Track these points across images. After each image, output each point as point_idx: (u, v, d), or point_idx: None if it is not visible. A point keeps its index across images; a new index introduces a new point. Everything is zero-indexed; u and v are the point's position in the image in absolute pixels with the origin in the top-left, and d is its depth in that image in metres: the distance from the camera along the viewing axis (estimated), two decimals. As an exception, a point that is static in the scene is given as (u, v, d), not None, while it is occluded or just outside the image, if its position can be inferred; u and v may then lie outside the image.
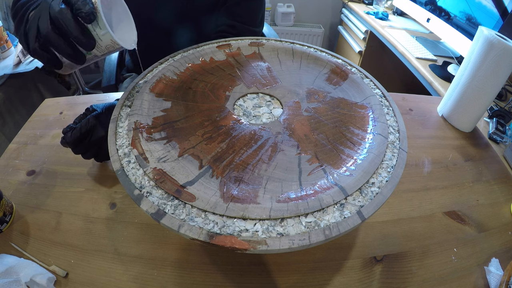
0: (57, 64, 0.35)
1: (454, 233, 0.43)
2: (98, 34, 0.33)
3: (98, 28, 0.33)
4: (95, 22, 0.32)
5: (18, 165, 0.51)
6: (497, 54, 0.51)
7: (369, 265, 0.38)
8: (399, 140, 0.36)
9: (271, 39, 0.53)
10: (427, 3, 1.24)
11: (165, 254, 0.38)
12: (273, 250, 0.25)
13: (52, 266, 0.36)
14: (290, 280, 0.36)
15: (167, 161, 0.31)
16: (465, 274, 0.38)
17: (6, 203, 0.41)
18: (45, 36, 0.31)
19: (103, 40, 0.34)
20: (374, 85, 0.45)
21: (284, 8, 1.92)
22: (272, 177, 0.31)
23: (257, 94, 0.44)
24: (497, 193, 0.49)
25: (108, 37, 0.33)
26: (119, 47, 0.36)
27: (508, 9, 0.88)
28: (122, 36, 0.39)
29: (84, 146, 0.44)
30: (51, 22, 0.31)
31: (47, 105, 0.65)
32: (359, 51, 1.70)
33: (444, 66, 1.12)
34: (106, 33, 0.33)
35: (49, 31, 0.31)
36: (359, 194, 0.29)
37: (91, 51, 0.35)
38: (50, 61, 0.34)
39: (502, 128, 0.77)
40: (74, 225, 0.41)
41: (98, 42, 0.34)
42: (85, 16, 0.31)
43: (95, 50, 0.35)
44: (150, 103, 0.39)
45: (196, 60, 0.47)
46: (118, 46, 0.35)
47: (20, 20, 0.35)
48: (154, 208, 0.27)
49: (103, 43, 0.34)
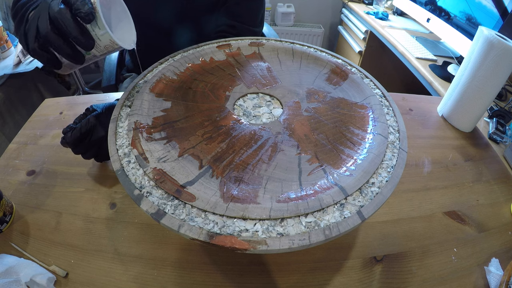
0: (57, 64, 0.35)
1: (454, 233, 0.43)
2: (97, 34, 0.33)
3: (97, 28, 0.33)
4: (94, 22, 0.32)
5: (18, 165, 0.51)
6: (497, 54, 0.51)
7: (369, 265, 0.38)
8: (399, 140, 0.36)
9: (271, 39, 0.53)
10: (427, 3, 1.24)
11: (165, 254, 0.38)
12: (273, 250, 0.25)
13: (52, 266, 0.36)
14: (290, 280, 0.36)
15: (167, 161, 0.31)
16: (465, 274, 0.38)
17: (6, 203, 0.41)
18: (45, 36, 0.31)
19: (102, 40, 0.34)
20: (374, 85, 0.45)
21: (284, 8, 1.92)
22: (272, 177, 0.31)
23: (257, 94, 0.44)
24: (497, 193, 0.49)
25: (107, 37, 0.34)
26: (118, 47, 0.36)
27: (508, 9, 0.88)
28: (121, 36, 0.39)
29: (84, 146, 0.44)
30: (51, 22, 0.31)
31: (47, 105, 0.65)
32: (359, 51, 1.70)
33: (444, 66, 1.12)
34: (105, 33, 0.33)
35: (48, 31, 0.31)
36: (359, 194, 0.29)
37: (90, 51, 0.35)
38: (50, 61, 0.34)
39: (502, 128, 0.77)
40: (74, 225, 0.41)
41: (97, 42, 0.34)
42: (84, 16, 0.31)
43: (94, 50, 0.35)
44: (150, 103, 0.39)
45: (196, 60, 0.47)
46: (117, 46, 0.35)
47: (20, 20, 0.35)
48: (154, 208, 0.27)
49: (102, 43, 0.34)
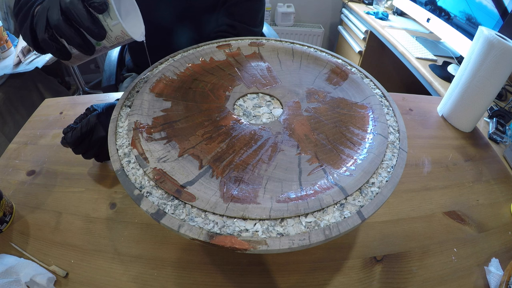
0: (66, 55, 0.35)
1: (454, 233, 0.43)
2: (109, 24, 0.34)
3: (109, 18, 0.33)
4: (106, 12, 0.33)
5: (18, 165, 0.51)
6: (497, 54, 0.51)
7: (369, 265, 0.38)
8: (399, 140, 0.36)
9: (271, 39, 0.53)
10: (427, 3, 1.24)
11: (165, 254, 0.38)
12: (273, 250, 0.25)
13: (52, 266, 0.36)
14: (290, 280, 0.36)
15: (167, 161, 0.31)
16: (465, 274, 0.38)
17: (6, 203, 0.41)
18: (56, 26, 0.32)
19: (113, 31, 0.34)
20: (374, 85, 0.45)
21: (284, 8, 1.92)
22: (272, 177, 0.31)
23: (257, 94, 0.44)
24: (497, 193, 0.49)
25: (118, 28, 0.34)
26: (128, 38, 0.36)
27: (508, 9, 0.88)
28: (130, 29, 0.40)
29: (84, 146, 0.44)
30: (62, 13, 0.32)
31: (47, 105, 0.65)
32: (359, 51, 1.70)
33: (444, 66, 1.12)
34: (117, 24, 0.34)
35: (60, 21, 0.31)
36: (359, 194, 0.29)
37: (100, 42, 0.35)
38: (59, 52, 0.35)
39: (502, 128, 0.77)
40: (74, 225, 0.41)
41: (108, 32, 0.34)
42: (98, 6, 0.31)
43: (105, 41, 0.35)
44: (150, 103, 0.39)
45: (196, 60, 0.47)
46: (128, 37, 0.36)
47: (24, 16, 0.35)
48: (154, 208, 0.27)
49: (113, 34, 0.35)
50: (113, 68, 0.84)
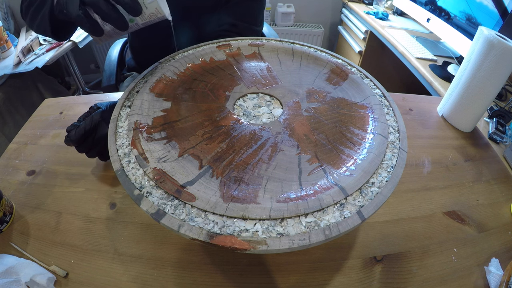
0: (99, 31, 0.37)
1: (454, 233, 0.43)
2: (145, 2, 0.36)
3: None
4: None
5: (18, 165, 0.51)
6: (497, 54, 0.51)
7: (369, 265, 0.38)
8: (399, 140, 0.36)
9: (271, 39, 0.53)
10: (427, 3, 1.24)
11: (165, 254, 0.38)
12: (273, 250, 0.25)
13: (52, 266, 0.36)
14: (290, 280, 0.36)
15: (167, 161, 0.31)
16: (465, 274, 0.38)
17: (6, 203, 0.41)
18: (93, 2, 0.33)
19: (148, 8, 0.37)
20: (374, 85, 0.45)
21: (284, 8, 1.92)
22: (272, 177, 0.31)
23: (257, 94, 0.44)
24: (497, 193, 0.49)
25: (153, 6, 0.37)
26: (161, 16, 0.38)
27: (508, 9, 0.88)
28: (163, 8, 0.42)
29: (88, 144, 0.44)
30: None
31: (47, 105, 0.65)
32: (359, 51, 1.70)
33: (444, 66, 1.12)
34: (153, 1, 0.36)
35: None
36: (359, 194, 0.29)
37: (134, 19, 0.37)
38: (93, 28, 0.36)
39: (502, 128, 0.77)
40: (74, 225, 0.41)
41: (143, 9, 0.37)
42: None
43: (138, 18, 0.38)
44: (150, 103, 0.39)
45: (196, 60, 0.47)
46: (160, 15, 0.38)
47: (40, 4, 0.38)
48: (154, 208, 0.27)
49: (147, 11, 0.37)
50: (113, 68, 0.84)
